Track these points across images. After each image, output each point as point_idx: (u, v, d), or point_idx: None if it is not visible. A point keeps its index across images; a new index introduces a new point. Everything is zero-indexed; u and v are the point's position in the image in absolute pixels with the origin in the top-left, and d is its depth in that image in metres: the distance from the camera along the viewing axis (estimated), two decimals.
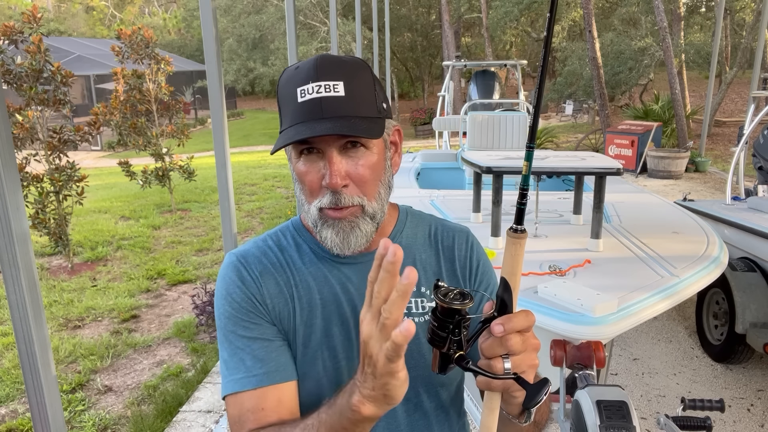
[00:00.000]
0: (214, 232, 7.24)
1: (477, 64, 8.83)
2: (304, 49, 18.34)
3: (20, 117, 5.52)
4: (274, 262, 0.93)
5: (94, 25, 38.28)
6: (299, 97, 0.82)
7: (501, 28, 19.02)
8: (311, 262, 0.94)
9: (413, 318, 0.93)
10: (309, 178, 0.85)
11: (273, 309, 0.90)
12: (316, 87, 0.81)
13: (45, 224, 5.51)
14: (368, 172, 0.85)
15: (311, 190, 0.86)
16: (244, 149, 16.25)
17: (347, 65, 0.84)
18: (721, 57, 15.61)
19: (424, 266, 0.97)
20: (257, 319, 0.89)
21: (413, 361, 0.90)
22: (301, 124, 0.81)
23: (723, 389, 3.40)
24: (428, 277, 0.97)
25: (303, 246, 0.95)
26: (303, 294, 0.92)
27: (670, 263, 2.35)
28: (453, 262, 1.00)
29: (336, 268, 0.93)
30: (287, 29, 4.00)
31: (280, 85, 0.88)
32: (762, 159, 4.45)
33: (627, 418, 1.71)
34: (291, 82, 0.84)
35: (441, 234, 1.02)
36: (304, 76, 0.83)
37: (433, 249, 1.00)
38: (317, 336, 0.90)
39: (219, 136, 2.84)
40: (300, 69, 0.84)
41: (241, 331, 0.88)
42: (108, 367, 3.94)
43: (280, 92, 0.87)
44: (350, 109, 0.82)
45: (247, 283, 0.91)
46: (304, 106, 0.81)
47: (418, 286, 0.95)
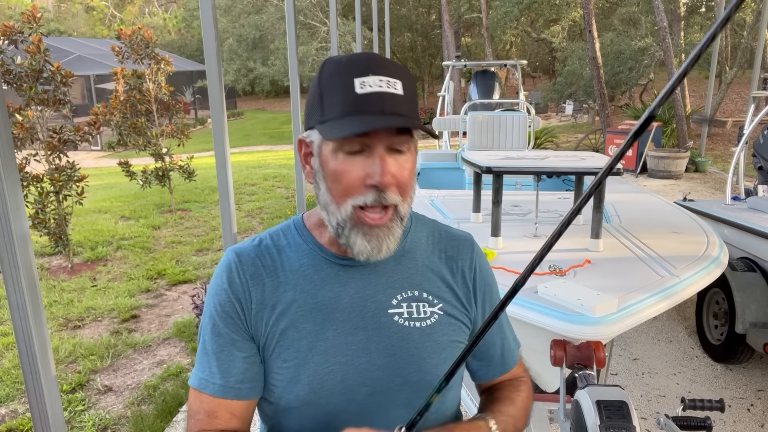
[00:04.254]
0: (214, 232, 7.24)
1: (477, 64, 8.83)
2: (304, 49, 18.34)
3: (20, 117, 5.52)
4: (268, 264, 0.92)
5: (94, 25, 38.28)
6: (358, 88, 0.79)
7: (501, 28, 19.02)
8: (310, 264, 0.92)
9: (414, 323, 0.91)
10: (349, 177, 0.82)
11: (256, 315, 0.89)
12: (378, 81, 0.79)
13: (45, 224, 5.51)
14: (408, 174, 0.85)
15: (348, 188, 0.83)
16: (244, 149, 16.25)
17: (401, 67, 0.84)
18: (721, 57, 15.61)
19: (428, 271, 0.96)
20: (234, 327, 0.90)
21: (414, 366, 0.90)
22: (363, 116, 0.79)
23: (723, 389, 3.40)
24: (431, 282, 0.95)
25: (303, 246, 0.94)
26: (294, 297, 0.90)
27: (670, 263, 2.35)
28: (455, 270, 0.99)
29: (335, 271, 0.92)
30: (287, 29, 4.00)
31: (324, 74, 0.83)
32: (762, 159, 4.45)
33: (627, 418, 1.71)
34: (343, 71, 0.81)
35: (445, 240, 1.01)
36: (362, 67, 0.80)
37: (437, 254, 0.99)
38: (307, 340, 0.88)
39: (219, 136, 2.84)
40: (353, 61, 0.82)
41: (216, 335, 0.91)
42: (108, 367, 3.94)
43: (326, 80, 0.83)
44: (407, 109, 0.82)
45: (234, 287, 0.91)
46: (365, 98, 0.79)
47: (420, 291, 0.93)
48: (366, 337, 0.89)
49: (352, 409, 0.89)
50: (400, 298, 0.92)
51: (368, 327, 0.89)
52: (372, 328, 0.89)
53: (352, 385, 0.88)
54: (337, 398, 0.88)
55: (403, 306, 0.91)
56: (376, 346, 0.89)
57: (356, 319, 0.90)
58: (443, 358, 0.92)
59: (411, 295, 0.93)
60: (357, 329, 0.89)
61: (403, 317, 0.91)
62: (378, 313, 0.90)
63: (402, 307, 0.91)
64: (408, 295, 0.92)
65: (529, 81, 25.70)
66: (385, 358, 0.89)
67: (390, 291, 0.92)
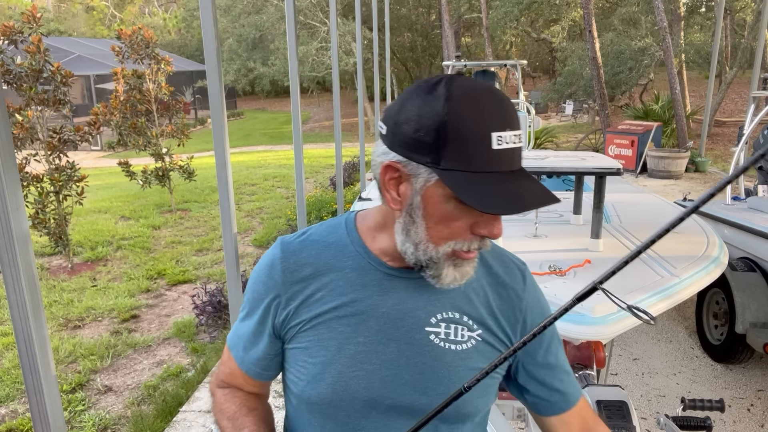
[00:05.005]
0: (214, 232, 7.24)
1: (477, 64, 8.83)
2: (304, 49, 18.33)
3: (20, 117, 5.52)
4: (312, 261, 0.92)
5: (94, 25, 38.28)
6: (495, 143, 0.75)
7: (501, 28, 19.01)
8: (354, 266, 0.91)
9: (450, 345, 0.89)
10: (459, 224, 0.80)
11: (291, 309, 0.91)
12: (512, 136, 0.77)
13: (45, 224, 5.51)
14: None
15: (455, 234, 0.81)
16: (244, 149, 16.25)
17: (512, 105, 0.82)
18: (721, 57, 15.61)
19: (473, 294, 0.93)
20: (263, 320, 0.94)
21: (442, 388, 0.88)
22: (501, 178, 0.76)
23: (723, 389, 3.40)
24: (474, 306, 0.92)
25: (349, 248, 0.92)
26: (333, 298, 0.89)
27: (670, 263, 2.35)
28: (503, 297, 0.95)
29: (379, 278, 0.90)
30: (287, 29, 3.99)
31: (457, 114, 0.75)
32: (762, 159, 4.45)
33: (627, 418, 1.71)
34: (479, 119, 0.75)
35: (497, 265, 0.97)
36: (499, 119, 0.76)
37: (486, 279, 0.95)
38: (337, 341, 0.88)
39: (219, 136, 2.84)
40: (488, 109, 0.76)
41: (248, 315, 0.97)
42: (108, 367, 3.94)
43: (456, 124, 0.75)
44: (521, 157, 0.81)
45: (273, 282, 0.92)
46: (501, 156, 0.76)
47: (461, 314, 0.91)
48: (397, 349, 0.88)
49: (372, 417, 0.88)
50: (440, 318, 0.90)
51: (401, 340, 0.88)
52: (405, 342, 0.89)
53: (376, 395, 0.88)
54: (359, 404, 0.88)
55: (441, 326, 0.90)
56: (407, 361, 0.88)
57: (391, 330, 0.89)
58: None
59: (451, 316, 0.91)
60: (389, 340, 0.88)
61: (439, 337, 0.89)
62: (414, 328, 0.89)
63: (440, 327, 0.90)
64: (447, 316, 0.91)
65: (529, 81, 25.70)
66: (413, 375, 0.88)
67: (430, 309, 0.90)
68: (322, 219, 7.13)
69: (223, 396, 1.01)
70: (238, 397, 1.01)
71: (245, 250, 6.59)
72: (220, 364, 1.04)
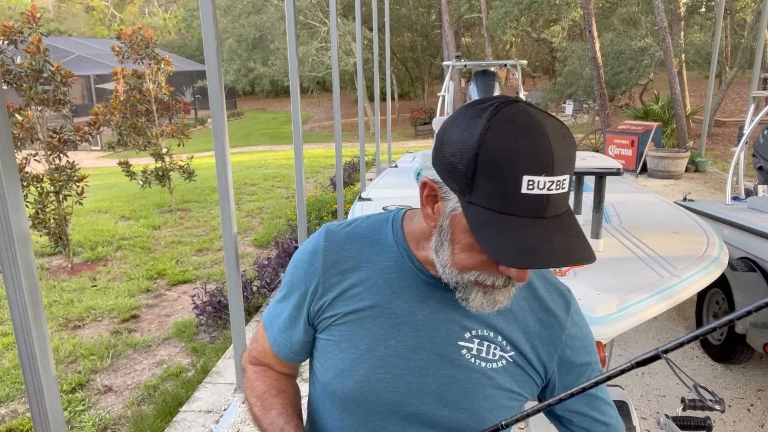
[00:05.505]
0: (214, 232, 7.24)
1: (477, 64, 8.83)
2: (304, 49, 18.33)
3: (20, 117, 5.52)
4: (355, 255, 0.91)
5: (94, 25, 38.27)
6: (524, 187, 0.69)
7: (501, 28, 19.01)
8: (395, 268, 0.90)
9: (480, 362, 0.88)
10: (483, 258, 0.77)
11: (327, 300, 0.91)
12: (548, 182, 0.70)
13: (45, 224, 5.51)
14: None
15: (476, 266, 0.78)
16: (244, 149, 16.25)
17: (571, 146, 0.74)
18: (721, 57, 15.61)
19: (512, 315, 0.91)
20: (299, 305, 0.95)
21: (466, 404, 0.88)
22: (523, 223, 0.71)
23: (723, 389, 3.40)
24: (511, 327, 0.90)
25: (393, 248, 0.91)
26: (370, 296, 0.89)
27: (670, 263, 2.35)
28: (544, 323, 0.92)
29: (418, 284, 0.89)
30: (287, 29, 3.99)
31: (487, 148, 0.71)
32: (762, 159, 4.45)
33: (627, 418, 1.72)
34: (514, 159, 0.70)
35: (542, 289, 0.94)
36: (536, 164, 0.69)
37: (528, 302, 0.93)
38: (369, 340, 0.88)
39: (219, 136, 2.84)
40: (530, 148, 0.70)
41: (286, 297, 0.97)
42: (108, 367, 3.94)
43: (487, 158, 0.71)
44: (565, 202, 0.74)
45: (313, 269, 0.93)
46: (528, 201, 0.70)
47: (496, 333, 0.90)
48: (427, 358, 0.88)
49: (392, 420, 0.89)
50: (474, 334, 0.89)
51: (432, 350, 0.88)
52: (435, 353, 0.88)
53: (399, 400, 0.87)
54: (381, 405, 0.88)
55: (474, 342, 0.89)
56: (435, 372, 0.88)
57: (423, 338, 0.88)
58: (499, 404, 0.89)
59: (485, 334, 0.89)
60: (420, 348, 0.88)
61: (471, 353, 0.88)
62: (447, 340, 0.88)
63: (473, 342, 0.89)
64: (482, 333, 0.89)
65: (529, 81, 25.70)
66: (440, 387, 0.88)
67: (466, 324, 0.89)
68: (322, 219, 7.13)
69: (254, 373, 1.03)
70: (269, 376, 1.02)
71: (245, 250, 6.59)
72: (253, 340, 1.06)
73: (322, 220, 7.10)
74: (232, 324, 3.32)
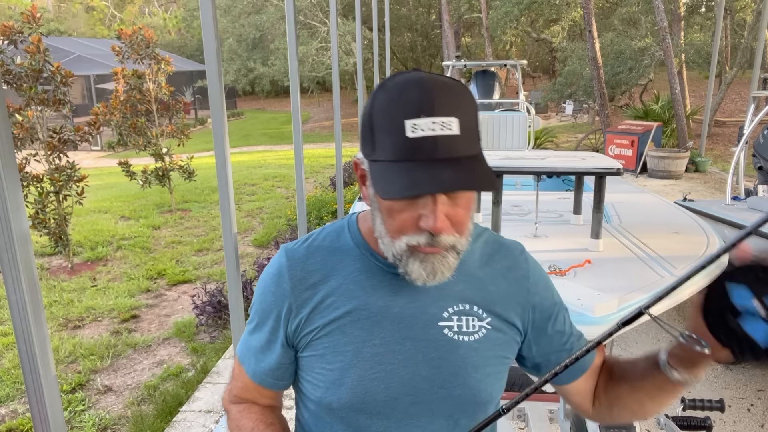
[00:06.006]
0: (214, 232, 7.24)
1: (477, 64, 8.84)
2: (304, 49, 18.34)
3: (20, 117, 5.52)
4: (319, 267, 0.92)
5: (94, 25, 38.28)
6: (409, 131, 0.74)
7: (501, 28, 19.02)
8: (362, 269, 0.91)
9: (463, 337, 0.90)
10: (404, 217, 0.79)
11: (301, 318, 0.90)
12: (431, 123, 0.73)
13: (45, 224, 5.51)
14: (466, 213, 0.82)
15: (402, 227, 0.80)
16: (244, 149, 16.25)
17: (457, 94, 0.77)
18: (721, 57, 15.61)
19: (480, 283, 0.94)
20: (272, 330, 0.94)
21: (459, 380, 0.89)
22: (413, 165, 0.74)
23: (723, 389, 3.40)
24: (482, 295, 0.93)
25: (355, 251, 0.92)
26: (344, 302, 0.89)
27: (670, 263, 2.35)
28: (512, 281, 0.96)
29: (388, 279, 0.90)
30: (287, 29, 4.00)
31: (376, 106, 0.78)
32: (762, 159, 4.45)
33: None
34: (396, 109, 0.75)
35: (498, 251, 0.98)
36: (414, 107, 0.74)
37: (488, 266, 0.96)
38: (354, 345, 0.88)
39: (219, 136, 2.84)
40: (407, 96, 0.75)
41: (257, 327, 0.96)
42: (108, 367, 3.94)
43: (378, 115, 0.78)
44: (463, 148, 0.76)
45: (281, 291, 0.92)
46: (416, 144, 0.74)
47: (471, 305, 0.92)
48: (414, 347, 0.89)
49: (394, 416, 0.89)
50: (451, 311, 0.91)
51: (417, 338, 0.89)
52: (420, 339, 0.89)
53: (396, 394, 0.88)
54: (380, 405, 0.88)
55: (454, 319, 0.91)
56: (423, 357, 0.89)
57: (405, 329, 0.89)
58: (487, 372, 0.92)
59: (462, 308, 0.92)
60: (405, 339, 0.89)
61: (452, 330, 0.90)
62: (428, 324, 0.90)
63: (453, 320, 0.91)
64: (459, 309, 0.92)
65: (529, 81, 25.70)
66: (431, 370, 0.89)
67: (441, 303, 0.91)
68: (322, 219, 7.12)
69: (238, 412, 1.00)
70: (254, 412, 0.99)
71: (245, 250, 6.59)
72: (231, 379, 1.02)
73: (322, 220, 7.10)
74: (232, 324, 3.32)
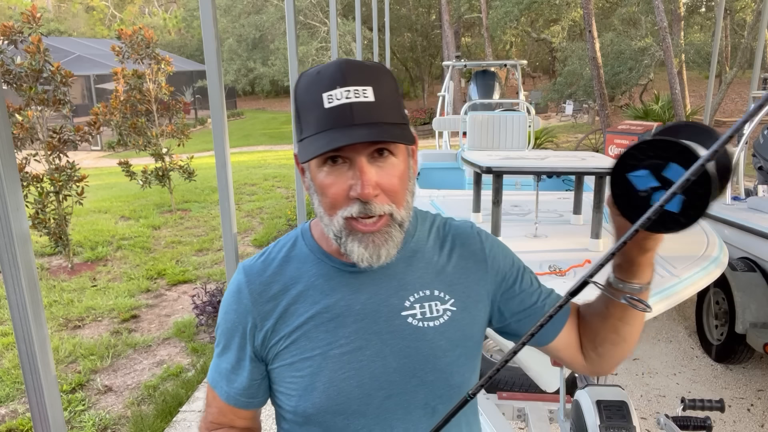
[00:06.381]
0: (214, 232, 7.24)
1: (477, 64, 8.84)
2: (304, 49, 18.34)
3: (20, 117, 5.52)
4: (278, 279, 0.92)
5: (94, 25, 38.28)
6: (326, 103, 0.78)
7: (501, 28, 19.02)
8: (319, 274, 0.92)
9: (428, 323, 0.91)
10: (334, 190, 0.81)
11: (266, 331, 0.91)
12: (345, 92, 0.78)
13: (45, 224, 5.51)
14: (397, 180, 0.83)
15: (335, 201, 0.82)
16: (244, 149, 16.25)
17: (372, 70, 0.81)
18: (721, 57, 15.62)
19: (437, 267, 0.95)
20: (240, 348, 0.93)
21: (429, 365, 0.90)
22: (331, 131, 0.78)
23: (723, 389, 3.40)
24: (441, 279, 0.94)
25: (311, 257, 0.93)
26: (306, 309, 0.90)
27: (670, 263, 2.35)
28: (467, 257, 0.97)
29: (346, 279, 0.91)
30: (287, 29, 4.00)
31: (299, 90, 0.83)
32: (762, 159, 4.45)
33: (627, 418, 1.72)
34: (314, 87, 0.80)
35: (450, 232, 0.99)
36: (330, 81, 0.79)
37: (443, 249, 0.97)
38: (321, 349, 0.89)
39: (219, 136, 2.84)
40: (323, 74, 0.80)
41: (225, 348, 0.96)
42: (108, 367, 3.94)
43: (300, 97, 0.83)
44: (380, 114, 0.79)
45: (242, 308, 0.92)
46: (333, 112, 0.78)
47: (432, 290, 0.93)
48: (380, 341, 0.89)
49: (370, 413, 0.89)
50: (413, 299, 0.92)
51: (382, 331, 0.90)
52: (386, 332, 0.90)
53: (369, 390, 0.88)
54: (355, 404, 0.88)
55: (416, 307, 0.91)
56: (391, 350, 0.89)
57: (369, 324, 0.89)
58: (457, 354, 0.92)
59: (423, 295, 0.92)
60: (371, 334, 0.89)
61: (416, 318, 0.91)
62: (391, 316, 0.90)
63: (415, 308, 0.91)
64: (420, 296, 0.92)
65: (529, 81, 25.71)
66: (400, 360, 0.89)
67: (402, 293, 0.91)
68: None
69: None
70: None
71: (245, 250, 6.59)
72: (205, 407, 1.01)
73: None
74: None
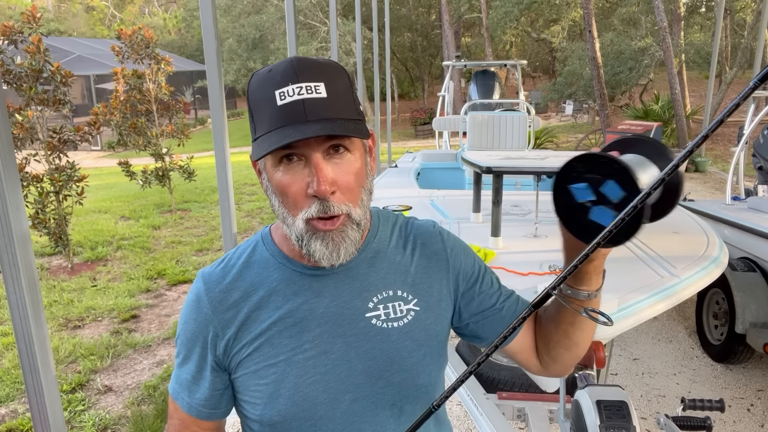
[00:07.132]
0: (214, 232, 7.24)
1: (477, 64, 8.84)
2: (303, 49, 18.34)
3: (20, 117, 5.52)
4: (238, 285, 0.90)
5: (94, 25, 38.28)
6: (278, 100, 0.77)
7: (501, 28, 19.02)
8: (281, 279, 0.90)
9: (392, 324, 0.90)
10: (293, 189, 0.80)
11: (227, 339, 0.89)
12: (297, 89, 0.77)
13: (45, 224, 5.51)
14: (353, 178, 0.82)
15: (295, 201, 0.81)
16: (244, 149, 16.24)
17: (325, 66, 0.81)
18: (721, 57, 15.62)
19: (400, 267, 0.94)
20: (200, 357, 0.91)
21: (395, 366, 0.89)
22: (284, 128, 0.77)
23: (723, 389, 3.40)
24: (404, 279, 0.93)
25: (271, 261, 0.92)
26: (268, 315, 0.88)
27: (670, 263, 2.35)
28: (429, 256, 0.96)
29: (308, 282, 0.90)
30: (287, 29, 4.00)
31: (251, 89, 0.82)
32: (762, 159, 4.45)
33: (627, 418, 1.72)
34: (266, 85, 0.79)
35: (412, 233, 0.99)
36: (281, 78, 0.78)
37: (407, 249, 0.97)
38: (285, 355, 0.87)
39: (219, 136, 2.84)
40: (275, 71, 0.80)
41: (185, 359, 0.93)
42: (108, 367, 3.94)
43: (253, 96, 0.82)
44: (333, 110, 0.78)
45: (202, 317, 0.90)
46: (286, 109, 0.77)
47: (395, 290, 0.92)
48: (345, 343, 0.88)
49: (338, 417, 0.88)
50: (376, 300, 0.91)
51: (346, 334, 0.89)
52: (350, 335, 0.89)
53: (335, 393, 0.87)
54: (321, 408, 0.87)
55: (380, 308, 0.91)
56: (356, 352, 0.88)
57: (333, 327, 0.88)
58: (422, 354, 0.91)
59: (386, 295, 0.91)
60: (335, 337, 0.88)
61: (380, 319, 0.90)
62: (355, 318, 0.89)
63: (379, 309, 0.90)
64: (383, 296, 0.91)
65: (529, 81, 25.71)
66: (366, 363, 0.88)
67: (365, 295, 0.90)
68: None
69: None
70: None
71: None
72: (168, 419, 0.97)
73: None
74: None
